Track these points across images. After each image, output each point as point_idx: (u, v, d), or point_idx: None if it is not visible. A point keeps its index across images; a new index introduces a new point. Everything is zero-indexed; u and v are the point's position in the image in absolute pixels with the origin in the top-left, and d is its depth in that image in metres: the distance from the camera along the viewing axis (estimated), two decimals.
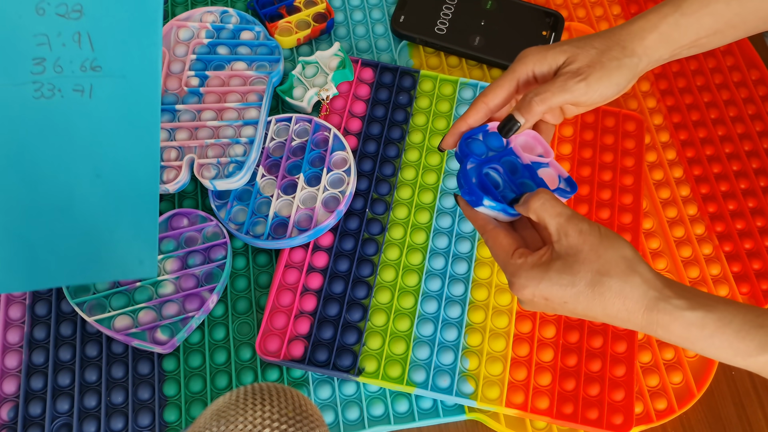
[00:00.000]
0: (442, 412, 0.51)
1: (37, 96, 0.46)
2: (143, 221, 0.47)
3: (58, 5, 0.47)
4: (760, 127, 0.62)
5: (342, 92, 0.61)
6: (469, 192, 0.41)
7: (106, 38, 0.47)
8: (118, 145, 0.47)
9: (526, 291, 0.38)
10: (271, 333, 0.51)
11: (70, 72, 0.47)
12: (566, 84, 0.41)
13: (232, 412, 0.36)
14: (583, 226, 0.37)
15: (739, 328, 0.35)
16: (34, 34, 0.47)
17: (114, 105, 0.47)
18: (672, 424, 0.51)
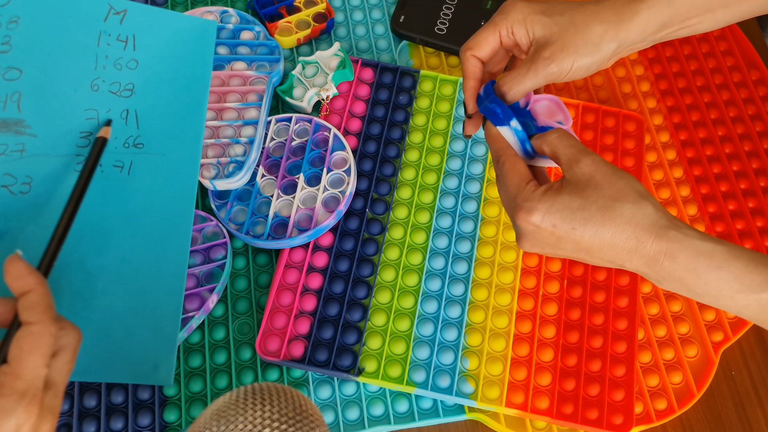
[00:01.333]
0: (442, 412, 0.51)
1: (78, 169, 0.46)
2: (165, 317, 0.45)
3: (112, 83, 0.48)
4: (760, 127, 0.62)
5: (342, 92, 0.61)
6: (499, 105, 0.41)
7: (152, 117, 0.48)
8: (150, 228, 0.46)
9: (536, 216, 0.37)
10: (271, 333, 0.51)
11: (113, 147, 0.47)
12: (538, 69, 0.41)
13: (232, 412, 0.36)
14: (595, 158, 0.38)
15: (748, 262, 0.35)
16: (85, 109, 0.47)
17: (151, 183, 0.47)
18: (672, 424, 0.51)
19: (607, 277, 0.55)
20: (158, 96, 0.48)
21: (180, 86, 0.49)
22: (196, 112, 0.49)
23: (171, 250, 0.46)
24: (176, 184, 0.47)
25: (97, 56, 0.48)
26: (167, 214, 0.46)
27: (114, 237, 0.46)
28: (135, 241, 0.46)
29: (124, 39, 0.48)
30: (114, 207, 0.46)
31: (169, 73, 0.49)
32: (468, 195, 0.57)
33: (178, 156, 0.48)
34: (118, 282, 0.45)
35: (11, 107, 0.46)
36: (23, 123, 0.46)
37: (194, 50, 0.50)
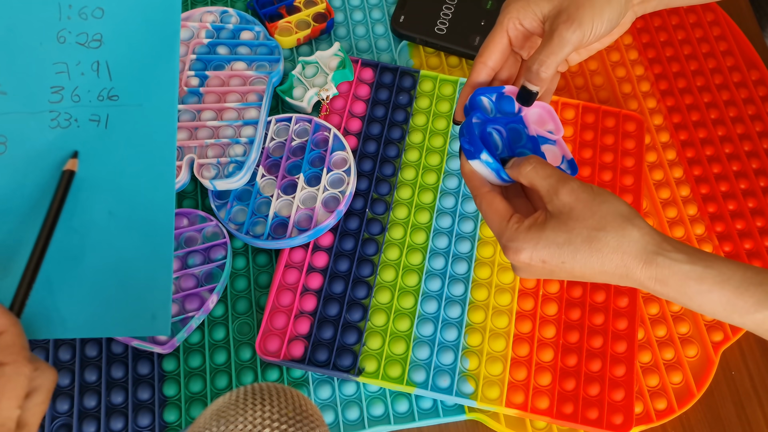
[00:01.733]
0: (442, 412, 0.51)
1: (54, 125, 0.45)
2: (157, 269, 0.45)
3: (79, 34, 0.47)
4: (760, 127, 0.62)
5: (342, 92, 0.61)
6: (469, 141, 0.41)
7: (124, 67, 0.47)
8: (133, 180, 0.45)
9: (524, 254, 0.37)
10: (271, 333, 0.51)
11: (87, 101, 0.46)
12: (563, 37, 0.40)
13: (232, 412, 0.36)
14: (573, 185, 0.37)
15: (738, 285, 0.35)
16: (53, 62, 0.46)
17: (129, 135, 0.46)
18: (672, 424, 0.51)
19: None
20: (128, 45, 0.47)
21: (149, 33, 0.47)
22: (168, 58, 0.47)
23: (157, 199, 0.45)
24: (155, 134, 0.46)
25: (60, 5, 0.47)
26: (149, 164, 0.45)
27: (98, 192, 0.45)
28: (119, 194, 0.45)
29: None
30: (94, 162, 0.45)
31: (137, 20, 0.47)
32: (468, 195, 0.57)
33: (155, 105, 0.46)
34: (106, 237, 0.44)
35: None
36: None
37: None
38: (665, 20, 0.67)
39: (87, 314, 0.44)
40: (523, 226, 0.38)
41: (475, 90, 0.43)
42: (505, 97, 0.44)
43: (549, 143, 0.43)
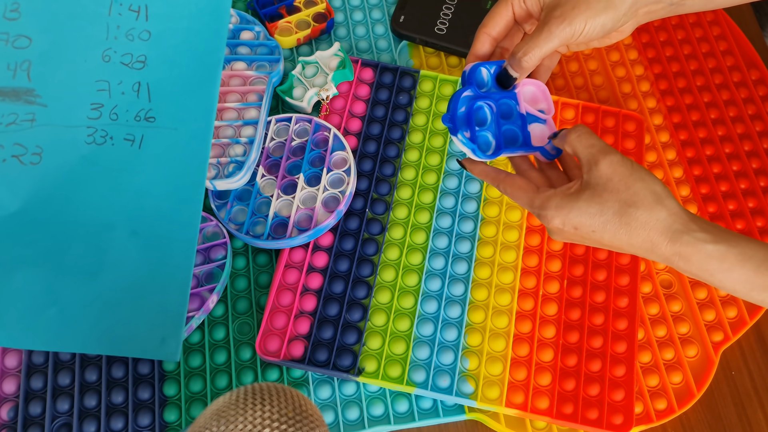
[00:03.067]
0: (442, 412, 0.51)
1: (89, 141, 0.46)
2: (173, 292, 0.44)
3: (124, 54, 0.47)
4: (760, 127, 0.62)
5: (342, 92, 0.61)
6: (450, 119, 0.42)
7: (164, 90, 0.47)
8: (159, 201, 0.45)
9: (556, 220, 0.39)
10: (271, 333, 0.51)
11: (124, 120, 0.46)
12: (551, 31, 0.41)
13: (232, 412, 0.36)
14: (614, 158, 0.38)
15: (759, 264, 0.36)
16: (96, 80, 0.47)
17: (162, 157, 0.46)
18: (672, 424, 0.51)
19: (607, 277, 0.55)
20: (171, 69, 0.47)
21: (193, 59, 0.48)
22: (209, 85, 0.48)
23: (180, 224, 0.45)
24: (187, 159, 0.46)
25: (108, 26, 0.47)
26: (177, 188, 0.46)
27: (123, 211, 0.45)
28: (144, 214, 0.45)
29: (136, 9, 0.47)
30: (123, 181, 0.45)
31: (182, 45, 0.48)
32: (468, 195, 0.57)
33: (190, 130, 0.47)
34: (126, 256, 0.44)
35: (21, 76, 0.46)
36: (33, 92, 0.46)
37: (208, 23, 0.49)
38: (665, 20, 0.67)
39: (97, 331, 0.44)
40: (557, 193, 0.40)
41: (475, 62, 0.44)
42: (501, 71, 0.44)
43: (538, 122, 0.44)
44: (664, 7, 0.43)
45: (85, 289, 0.43)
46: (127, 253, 0.44)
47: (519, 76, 0.43)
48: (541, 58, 0.42)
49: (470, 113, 0.42)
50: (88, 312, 0.43)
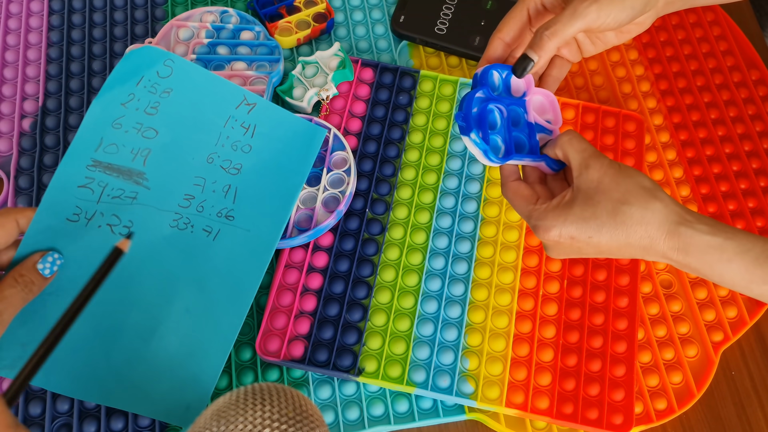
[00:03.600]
0: (442, 412, 0.51)
1: (173, 225, 0.51)
2: (208, 368, 0.48)
3: (225, 160, 0.53)
4: (760, 127, 0.62)
5: (342, 92, 0.61)
6: (464, 118, 0.42)
7: (248, 196, 0.53)
8: (218, 289, 0.50)
9: (552, 232, 0.39)
10: (271, 333, 0.51)
11: (207, 214, 0.51)
12: (576, 10, 0.40)
13: (232, 412, 0.36)
14: (603, 161, 0.39)
15: (758, 255, 0.36)
16: (195, 175, 0.53)
17: (230, 251, 0.51)
18: (672, 424, 0.51)
19: (607, 277, 0.55)
20: (259, 180, 0.53)
21: (280, 176, 0.54)
22: (288, 201, 0.53)
23: (230, 311, 0.50)
24: (251, 258, 0.51)
25: (221, 135, 0.54)
26: (236, 281, 0.50)
27: (185, 290, 0.50)
28: (201, 297, 0.50)
29: (246, 126, 0.54)
30: (192, 264, 0.50)
31: (275, 163, 0.54)
32: (468, 195, 0.57)
33: (260, 234, 0.52)
34: (176, 329, 0.49)
35: (139, 160, 0.53)
36: (143, 175, 0.52)
37: (301, 148, 0.55)
38: (665, 20, 0.67)
39: (132, 390, 0.47)
40: (551, 205, 0.40)
41: (489, 64, 0.44)
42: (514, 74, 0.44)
43: (545, 132, 0.44)
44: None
45: (133, 351, 0.48)
46: (177, 327, 0.49)
47: (539, 59, 0.41)
48: (565, 40, 0.41)
49: (483, 115, 0.42)
50: (130, 372, 0.48)
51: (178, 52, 0.60)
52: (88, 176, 0.52)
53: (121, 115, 0.54)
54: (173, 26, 0.61)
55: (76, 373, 0.47)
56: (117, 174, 0.52)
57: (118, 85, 0.54)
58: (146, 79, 0.55)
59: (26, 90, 0.61)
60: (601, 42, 0.45)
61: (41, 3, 0.65)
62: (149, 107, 0.54)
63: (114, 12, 0.65)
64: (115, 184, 0.52)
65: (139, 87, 0.54)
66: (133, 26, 0.64)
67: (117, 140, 0.53)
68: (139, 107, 0.54)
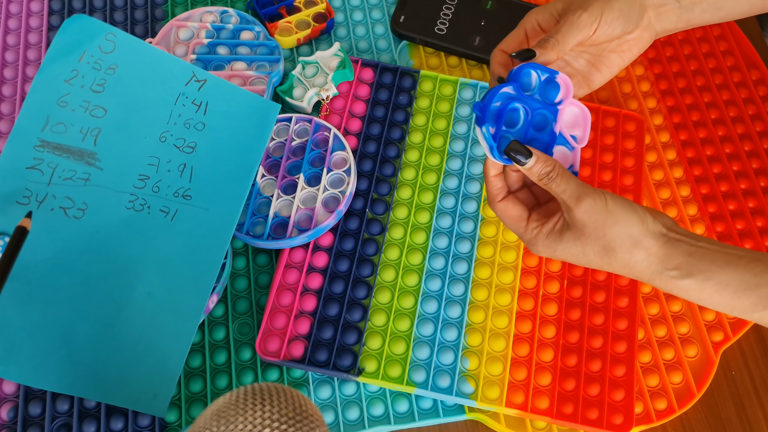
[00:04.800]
0: (442, 412, 0.51)
1: (129, 206, 0.50)
2: (173, 353, 0.48)
3: (178, 138, 0.53)
4: (760, 127, 0.62)
5: (342, 92, 0.61)
6: (481, 109, 0.41)
7: (205, 175, 0.52)
8: (179, 271, 0.49)
9: (544, 254, 0.42)
10: (271, 333, 0.51)
11: (164, 194, 0.51)
12: (570, 20, 0.42)
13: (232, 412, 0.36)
14: (586, 206, 0.39)
15: (736, 290, 0.38)
16: (149, 155, 0.52)
17: (189, 231, 0.50)
18: (672, 424, 0.51)
19: (607, 277, 0.55)
20: (214, 158, 0.53)
21: (235, 153, 0.53)
22: (244, 178, 0.53)
23: (192, 295, 0.49)
24: (211, 237, 0.50)
25: (172, 113, 0.53)
26: (197, 261, 0.50)
27: (145, 273, 0.49)
28: (163, 279, 0.49)
29: (198, 103, 0.54)
30: (152, 246, 0.50)
31: (229, 140, 0.54)
32: (468, 195, 0.57)
33: (219, 213, 0.51)
34: (139, 314, 0.48)
35: (89, 140, 0.51)
36: (95, 156, 0.51)
37: (255, 125, 0.55)
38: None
39: (98, 379, 0.47)
40: (542, 232, 0.41)
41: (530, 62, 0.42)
42: (553, 82, 0.42)
43: (566, 146, 0.42)
44: (673, 9, 0.44)
45: (96, 338, 0.47)
46: (140, 311, 0.48)
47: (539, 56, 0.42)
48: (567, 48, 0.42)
49: (503, 110, 0.41)
50: (93, 360, 0.47)
51: (178, 53, 0.60)
52: (37, 157, 0.50)
53: (66, 92, 0.52)
54: (173, 26, 0.61)
55: (36, 362, 0.47)
56: (67, 154, 0.51)
57: (59, 59, 0.53)
58: (88, 54, 0.53)
59: (26, 90, 0.61)
60: (607, 67, 0.46)
61: (41, 3, 0.65)
62: (95, 84, 0.53)
63: (114, 12, 0.65)
64: (66, 165, 0.50)
65: (81, 63, 0.53)
66: (133, 26, 0.64)
67: (64, 119, 0.52)
68: (85, 84, 0.53)
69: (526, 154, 0.40)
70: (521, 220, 0.42)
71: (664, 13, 0.45)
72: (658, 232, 0.39)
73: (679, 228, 0.40)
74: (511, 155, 0.40)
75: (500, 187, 0.43)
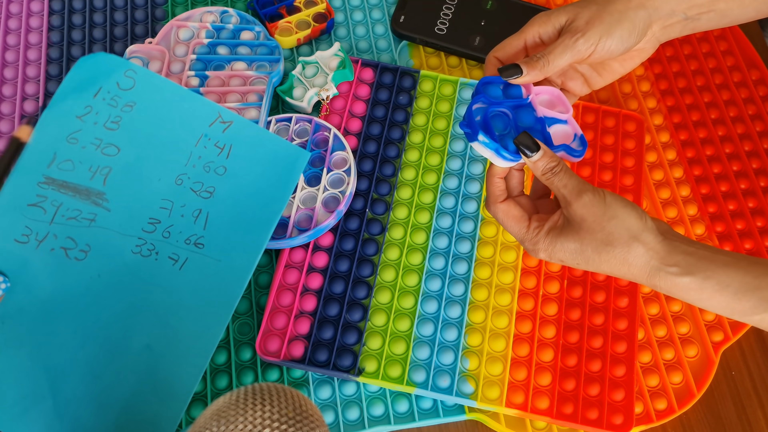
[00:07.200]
0: (442, 412, 0.51)
1: (136, 251, 0.47)
2: (168, 410, 0.45)
3: (196, 182, 0.50)
4: (760, 127, 0.62)
5: (342, 92, 0.61)
6: (467, 124, 0.42)
7: (221, 223, 0.49)
8: (183, 324, 0.47)
9: (542, 254, 0.41)
10: (271, 333, 0.51)
11: (174, 241, 0.48)
12: (565, 43, 0.42)
13: (232, 412, 0.36)
14: (586, 200, 0.39)
15: (736, 291, 0.37)
16: (162, 198, 0.49)
17: (198, 283, 0.47)
18: (672, 424, 0.51)
19: (607, 277, 0.55)
20: (233, 205, 0.50)
21: (256, 202, 0.50)
22: (264, 230, 0.49)
23: (195, 350, 0.46)
24: (221, 291, 0.48)
25: (192, 155, 0.50)
26: (202, 315, 0.47)
27: (145, 324, 0.46)
28: (164, 332, 0.46)
29: (221, 146, 0.51)
30: (155, 296, 0.47)
31: (251, 187, 0.51)
32: (468, 195, 0.57)
33: (232, 265, 0.48)
34: (133, 367, 0.45)
35: (98, 179, 0.49)
36: (103, 196, 0.48)
37: (281, 173, 0.52)
38: None
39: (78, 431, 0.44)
40: (543, 231, 0.41)
41: (483, 77, 0.44)
42: (512, 84, 0.44)
43: (559, 123, 0.43)
44: (680, 21, 0.44)
45: (84, 389, 0.44)
46: (135, 364, 0.45)
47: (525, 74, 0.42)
48: (555, 69, 0.42)
49: (486, 120, 0.42)
50: (79, 412, 0.44)
51: (178, 53, 0.60)
52: (40, 194, 0.48)
53: (77, 129, 0.50)
54: (173, 26, 0.61)
55: (19, 410, 0.44)
56: (73, 193, 0.48)
57: (72, 95, 0.50)
58: (105, 90, 0.51)
59: (26, 90, 0.61)
60: (608, 73, 0.46)
61: (41, 3, 0.65)
62: (109, 122, 0.50)
63: (114, 12, 0.65)
64: (70, 204, 0.48)
65: (96, 99, 0.50)
66: (134, 26, 0.64)
67: (73, 156, 0.49)
68: (98, 121, 0.50)
69: (533, 147, 0.40)
70: (523, 220, 0.42)
71: (670, 26, 0.44)
72: (656, 229, 0.39)
73: (675, 232, 0.40)
74: (520, 147, 0.41)
75: (503, 189, 0.43)
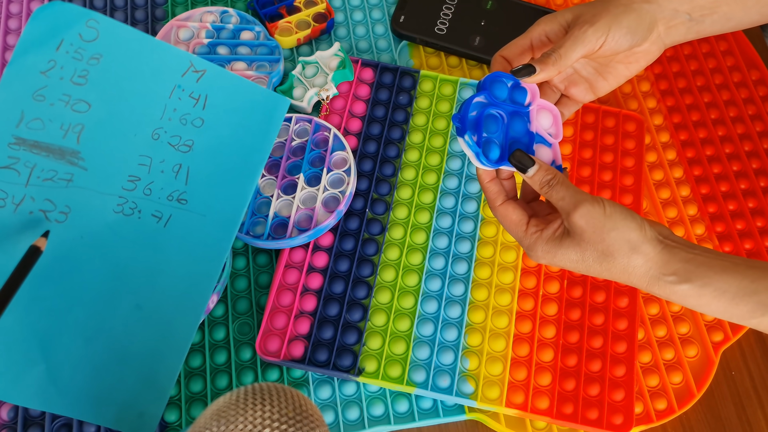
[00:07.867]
0: (442, 412, 0.51)
1: (117, 210, 0.46)
2: (162, 370, 0.44)
3: (173, 136, 0.48)
4: (760, 127, 0.62)
5: (342, 92, 0.61)
6: (460, 120, 0.42)
7: (202, 177, 0.48)
8: (172, 282, 0.46)
9: (543, 260, 0.42)
10: (271, 333, 0.51)
11: (156, 198, 0.47)
12: (575, 35, 0.42)
13: (232, 412, 0.36)
14: (584, 211, 0.39)
15: (733, 296, 0.38)
16: (140, 154, 0.48)
17: (184, 239, 0.47)
18: (672, 424, 0.51)
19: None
20: (214, 158, 0.49)
21: (238, 153, 0.49)
22: (248, 181, 0.49)
23: (186, 307, 0.46)
24: (208, 247, 0.47)
25: (166, 107, 0.49)
26: (192, 273, 0.46)
27: (133, 284, 0.46)
28: (153, 291, 0.45)
29: (196, 97, 0.49)
30: (141, 255, 0.46)
31: (231, 138, 0.49)
32: (468, 195, 0.57)
33: (218, 219, 0.47)
34: (125, 328, 0.45)
35: (71, 137, 0.47)
36: (78, 155, 0.47)
37: (260, 121, 0.50)
38: None
39: (79, 395, 0.44)
40: (542, 237, 0.41)
41: (494, 72, 0.44)
42: (520, 87, 0.44)
43: (544, 144, 0.44)
44: (684, 23, 0.44)
45: (77, 352, 0.44)
46: (126, 325, 0.45)
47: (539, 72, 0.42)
48: (568, 63, 0.42)
49: (480, 118, 0.42)
50: (74, 375, 0.44)
51: None
52: (12, 156, 0.46)
53: (42, 85, 0.47)
54: (173, 26, 0.61)
55: (11, 375, 0.44)
56: (46, 153, 0.46)
57: (32, 49, 0.47)
58: (67, 42, 0.48)
59: None
60: (613, 76, 0.46)
61: (41, 3, 0.65)
62: (76, 76, 0.48)
63: (114, 12, 0.65)
64: (45, 165, 0.46)
65: (59, 52, 0.48)
66: (134, 26, 0.64)
67: (41, 114, 0.47)
68: (64, 76, 0.48)
69: (529, 163, 0.41)
70: (521, 224, 0.42)
71: (674, 27, 0.44)
72: (655, 239, 0.39)
73: (676, 236, 0.40)
74: (515, 164, 0.42)
75: (497, 191, 0.44)
